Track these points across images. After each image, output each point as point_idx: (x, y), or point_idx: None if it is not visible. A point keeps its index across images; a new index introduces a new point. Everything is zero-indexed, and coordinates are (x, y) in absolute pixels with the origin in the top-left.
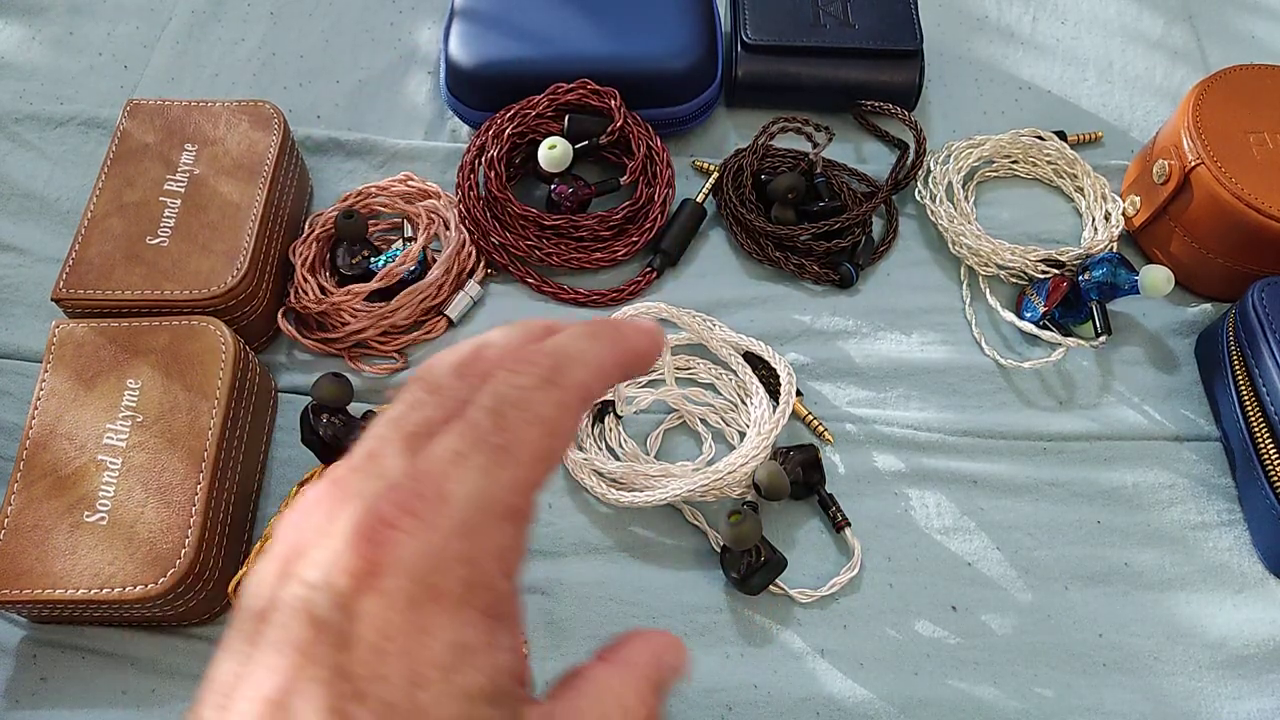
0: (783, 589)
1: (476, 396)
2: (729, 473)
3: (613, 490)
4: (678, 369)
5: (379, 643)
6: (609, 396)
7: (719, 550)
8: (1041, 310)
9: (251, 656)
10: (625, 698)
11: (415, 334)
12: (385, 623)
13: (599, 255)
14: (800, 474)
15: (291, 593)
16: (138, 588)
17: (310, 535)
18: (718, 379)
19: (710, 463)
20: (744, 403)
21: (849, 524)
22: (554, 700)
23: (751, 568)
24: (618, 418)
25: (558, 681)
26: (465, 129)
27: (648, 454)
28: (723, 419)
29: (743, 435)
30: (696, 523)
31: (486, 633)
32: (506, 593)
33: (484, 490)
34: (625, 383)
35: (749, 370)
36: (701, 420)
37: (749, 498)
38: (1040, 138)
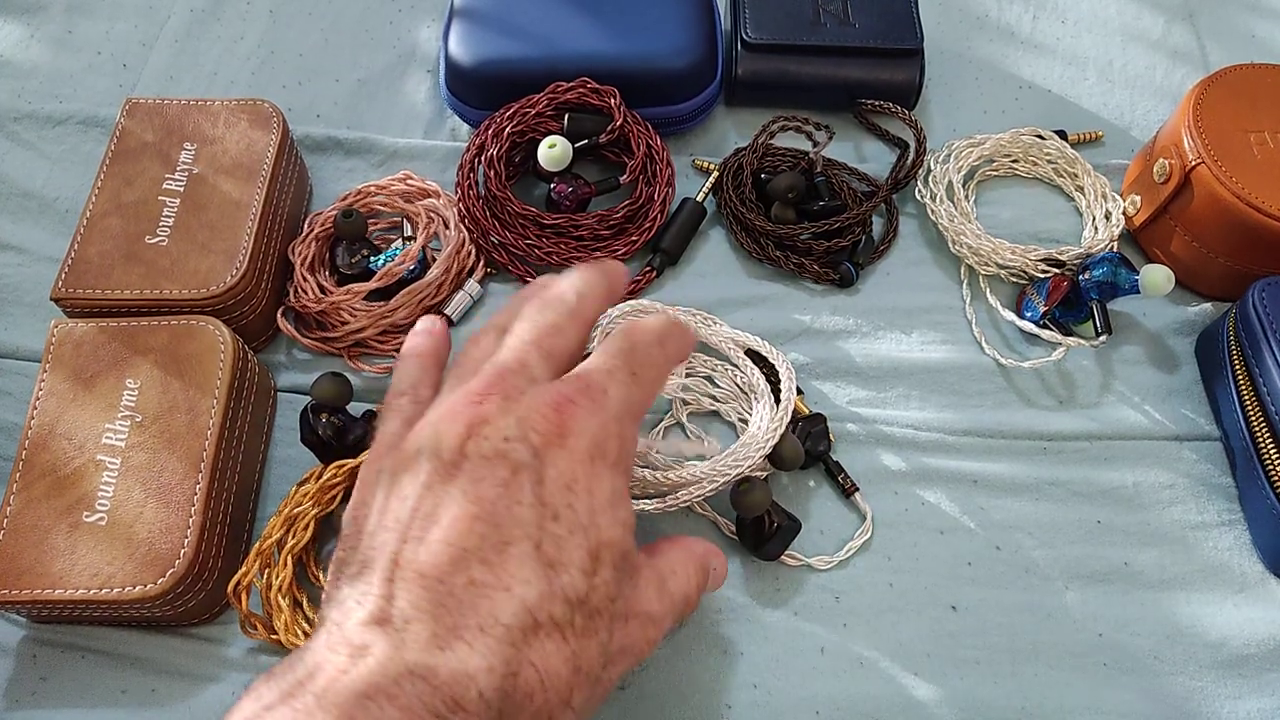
0: (799, 558)
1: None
2: (735, 475)
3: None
4: None
5: (567, 483)
6: None
7: (732, 534)
8: (1042, 310)
9: (446, 491)
10: (689, 563)
11: None
12: (570, 469)
13: (599, 254)
14: (811, 443)
15: (486, 446)
16: (137, 588)
17: (489, 412)
18: (714, 370)
19: None
20: (746, 395)
21: (858, 488)
22: (644, 550)
23: (766, 534)
24: None
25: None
26: (465, 128)
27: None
28: (722, 404)
29: (744, 420)
30: (705, 513)
31: (626, 488)
32: (631, 466)
33: (627, 395)
34: None
35: (751, 364)
36: (700, 410)
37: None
38: (1040, 137)
